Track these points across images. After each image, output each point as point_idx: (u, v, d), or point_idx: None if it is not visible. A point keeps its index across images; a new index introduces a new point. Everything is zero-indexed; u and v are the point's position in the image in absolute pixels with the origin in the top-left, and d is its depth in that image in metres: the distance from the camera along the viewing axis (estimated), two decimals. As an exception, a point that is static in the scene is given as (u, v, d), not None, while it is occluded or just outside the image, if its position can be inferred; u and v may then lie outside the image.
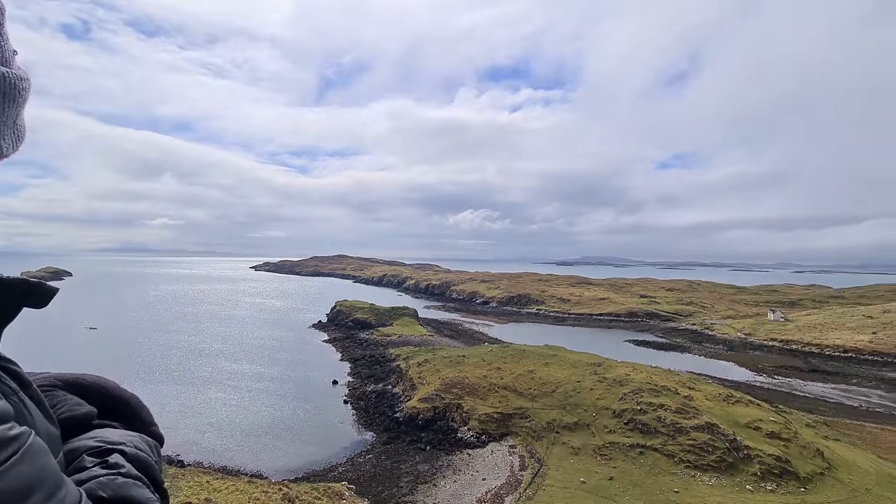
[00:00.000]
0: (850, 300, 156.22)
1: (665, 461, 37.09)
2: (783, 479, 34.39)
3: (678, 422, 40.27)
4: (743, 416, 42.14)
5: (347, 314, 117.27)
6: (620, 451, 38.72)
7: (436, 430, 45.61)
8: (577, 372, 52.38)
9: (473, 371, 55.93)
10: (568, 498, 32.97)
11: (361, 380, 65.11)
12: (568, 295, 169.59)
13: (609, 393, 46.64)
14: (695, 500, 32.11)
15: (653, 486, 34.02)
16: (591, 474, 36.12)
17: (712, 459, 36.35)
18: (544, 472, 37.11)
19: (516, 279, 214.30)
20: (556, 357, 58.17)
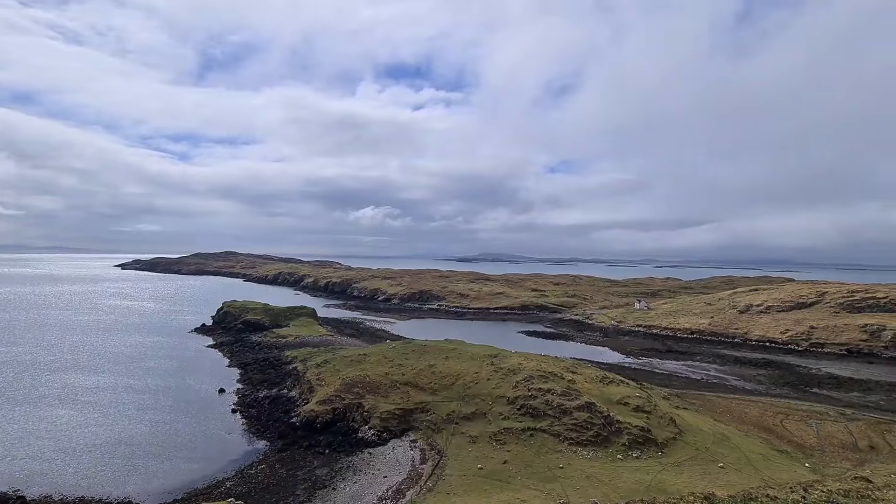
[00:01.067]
0: (695, 290, 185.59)
1: (552, 440, 40.52)
2: (646, 447, 39.71)
3: (563, 404, 44.25)
4: (615, 395, 47.72)
5: (237, 316, 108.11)
6: (514, 436, 41.37)
7: (335, 433, 44.28)
8: (476, 364, 54.70)
9: (375, 369, 55.37)
10: (466, 485, 34.35)
11: (253, 386, 60.58)
12: (467, 290, 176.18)
13: (504, 382, 49.49)
14: (576, 472, 35.60)
15: (542, 465, 36.96)
16: (488, 460, 38.06)
17: (590, 435, 40.62)
18: (444, 462, 38.19)
19: (418, 276, 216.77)
20: (455, 351, 60.07)
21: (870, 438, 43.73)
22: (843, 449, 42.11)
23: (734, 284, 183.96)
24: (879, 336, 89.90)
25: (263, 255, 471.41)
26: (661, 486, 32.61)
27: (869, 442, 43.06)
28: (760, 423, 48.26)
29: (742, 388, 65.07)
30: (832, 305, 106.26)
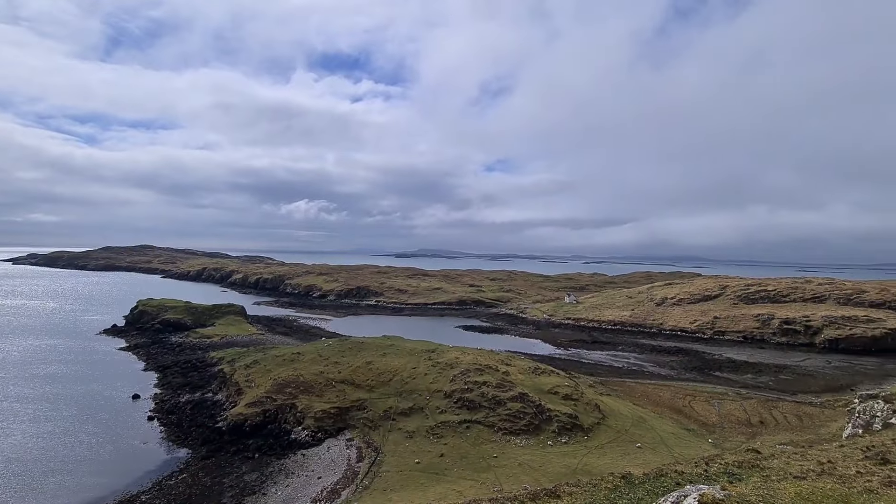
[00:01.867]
0: (619, 284, 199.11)
1: (487, 431, 41.72)
2: (573, 432, 42.16)
3: (498, 395, 45.70)
4: (546, 384, 50.10)
5: (154, 315, 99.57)
6: (450, 429, 42.07)
7: (266, 435, 42.39)
8: (413, 359, 54.83)
9: (309, 368, 53.65)
10: (403, 480, 34.43)
11: (173, 390, 56.21)
12: (405, 286, 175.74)
13: (441, 376, 50.10)
14: (509, 461, 36.99)
15: (477, 456, 37.96)
16: (425, 454, 38.39)
17: (523, 424, 42.35)
18: (381, 459, 37.97)
19: (355, 271, 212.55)
20: (393, 347, 59.78)
21: (760, 414, 49.68)
22: (739, 424, 47.47)
23: (652, 279, 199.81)
24: (769, 324, 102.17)
25: (185, 249, 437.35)
26: (586, 469, 34.83)
27: (760, 417, 48.91)
28: (672, 405, 53.02)
29: (657, 373, 71.05)
30: (732, 297, 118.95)
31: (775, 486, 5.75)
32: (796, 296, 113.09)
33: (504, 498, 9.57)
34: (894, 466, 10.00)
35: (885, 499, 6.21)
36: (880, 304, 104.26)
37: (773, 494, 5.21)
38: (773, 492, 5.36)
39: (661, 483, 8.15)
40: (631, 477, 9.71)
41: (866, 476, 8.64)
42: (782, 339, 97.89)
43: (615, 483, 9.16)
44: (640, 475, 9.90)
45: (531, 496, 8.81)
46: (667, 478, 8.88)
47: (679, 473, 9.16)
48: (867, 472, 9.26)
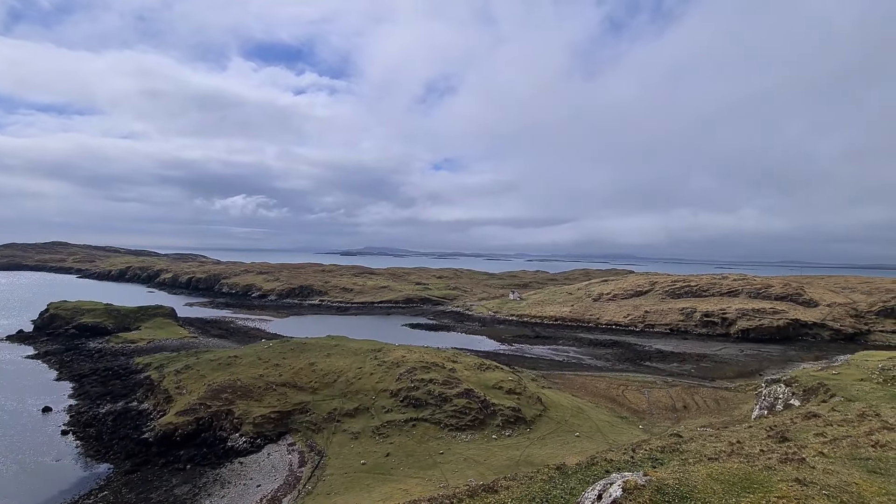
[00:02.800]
0: (559, 281, 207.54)
1: (434, 428, 42.04)
2: (517, 425, 43.53)
3: (444, 392, 46.16)
4: (491, 380, 51.30)
5: (68, 319, 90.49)
6: (396, 428, 41.95)
7: (199, 445, 39.98)
8: (359, 359, 54.02)
9: (248, 371, 51.24)
10: (348, 482, 33.89)
11: (91, 401, 51.47)
12: (351, 285, 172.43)
13: (388, 375, 49.78)
14: (455, 456, 37.53)
15: (423, 453, 38.15)
16: (370, 454, 38.02)
17: (469, 420, 43.11)
18: (325, 462, 37.13)
19: (298, 270, 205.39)
20: (338, 347, 58.53)
21: (683, 400, 53.98)
22: (666, 410, 51.30)
23: (590, 276, 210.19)
24: (692, 317, 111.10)
25: (106, 246, 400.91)
26: (528, 459, 36.12)
27: (683, 403, 53.14)
28: (607, 395, 56.23)
29: (594, 365, 74.99)
30: (660, 293, 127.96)
31: (691, 468, 6.38)
32: (715, 291, 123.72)
33: (443, 497, 9.74)
34: (790, 444, 11.33)
35: (780, 474, 7.04)
36: (784, 297, 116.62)
37: (688, 477, 5.78)
38: (689, 474, 5.95)
39: (593, 471, 8.73)
40: (565, 467, 10.27)
41: (768, 454, 9.71)
42: (703, 331, 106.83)
43: (550, 474, 9.66)
44: (574, 465, 10.52)
45: (469, 493, 9.05)
46: (597, 466, 9.52)
47: (608, 461, 9.84)
48: (769, 451, 10.41)
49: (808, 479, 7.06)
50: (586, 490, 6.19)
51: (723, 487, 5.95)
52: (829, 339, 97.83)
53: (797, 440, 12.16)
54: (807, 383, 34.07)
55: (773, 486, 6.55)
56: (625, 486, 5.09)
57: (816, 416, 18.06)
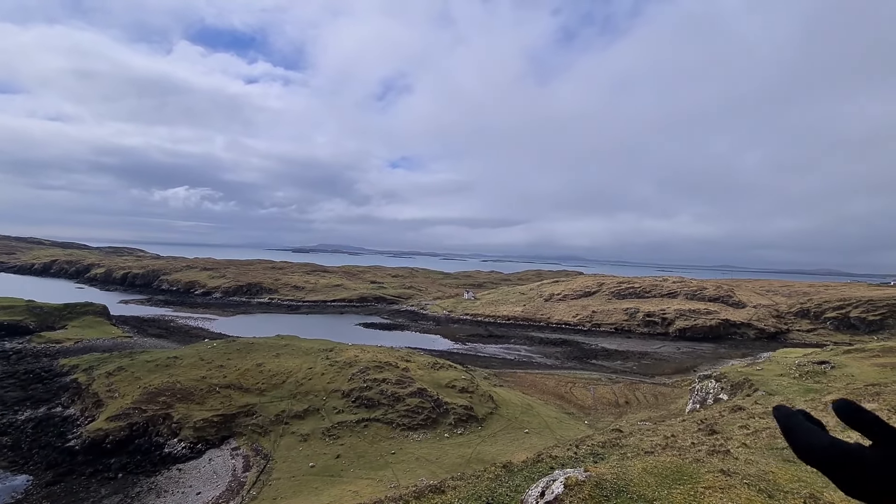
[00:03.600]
0: (513, 281, 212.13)
1: (386, 428, 41.74)
2: (469, 423, 44.08)
3: (397, 392, 45.94)
4: (444, 379, 51.61)
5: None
6: (348, 429, 41.28)
7: (133, 452, 37.45)
8: (310, 359, 52.65)
9: (188, 373, 48.57)
10: (296, 486, 32.97)
11: (7, 407, 46.81)
12: (303, 283, 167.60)
13: (339, 375, 48.86)
14: (407, 456, 37.47)
15: (375, 454, 37.79)
16: (320, 457, 37.18)
17: (421, 419, 43.16)
18: (272, 466, 35.90)
19: (246, 267, 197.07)
20: (287, 347, 56.75)
21: (626, 396, 56.80)
22: (610, 406, 53.77)
23: (541, 277, 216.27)
24: (635, 317, 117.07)
25: (29, 237, 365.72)
26: (479, 457, 36.69)
27: (625, 398, 55.91)
28: (556, 392, 58.14)
29: (544, 363, 77.29)
30: (607, 294, 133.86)
31: (628, 462, 6.79)
32: (656, 292, 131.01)
33: (389, 499, 9.71)
34: (718, 436, 12.26)
35: (707, 465, 7.61)
36: (716, 299, 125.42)
37: (625, 471, 6.14)
38: (626, 469, 6.33)
39: (538, 468, 9.05)
40: (511, 465, 10.57)
41: (698, 446, 10.43)
42: (645, 330, 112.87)
43: (496, 473, 9.91)
44: (520, 462, 10.86)
45: (416, 494, 9.09)
46: (543, 463, 9.87)
47: (553, 458, 10.23)
48: (699, 443, 11.20)
49: (731, 469, 7.66)
50: (530, 487, 6.43)
51: (656, 480, 6.38)
52: (754, 337, 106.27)
53: (724, 432, 13.14)
54: (734, 379, 36.91)
55: (701, 478, 7.06)
56: (566, 482, 5.34)
57: (741, 409, 19.63)
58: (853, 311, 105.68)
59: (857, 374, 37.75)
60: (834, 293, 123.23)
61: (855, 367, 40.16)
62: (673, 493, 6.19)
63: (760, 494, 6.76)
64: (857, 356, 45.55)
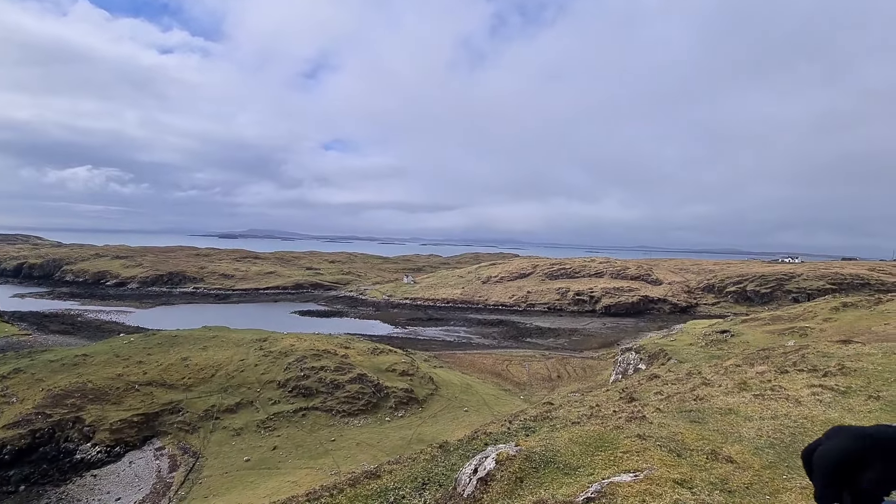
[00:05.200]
0: (451, 265, 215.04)
1: (325, 416, 41.12)
2: (409, 406, 44.61)
3: (336, 379, 45.27)
4: (384, 363, 51.60)
5: None
6: (285, 419, 40.15)
7: (37, 461, 33.85)
8: (241, 350, 50.22)
9: (102, 371, 44.42)
10: (229, 482, 31.68)
11: None
12: (232, 270, 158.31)
13: (274, 366, 47.15)
14: (347, 442, 37.28)
15: (313, 442, 37.17)
16: (255, 450, 35.93)
17: (361, 404, 42.99)
18: (202, 464, 34.16)
19: (166, 254, 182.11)
20: (216, 338, 53.63)
21: (558, 370, 60.32)
22: (543, 380, 56.85)
23: (479, 260, 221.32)
24: (566, 296, 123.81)
25: None
26: (420, 438, 37.36)
27: (557, 373, 59.37)
28: (493, 370, 60.37)
29: (482, 343, 79.77)
30: (540, 275, 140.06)
31: (556, 434, 7.30)
32: (585, 272, 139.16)
33: (322, 489, 9.66)
34: (636, 403, 13.45)
35: (626, 431, 8.35)
36: (637, 277, 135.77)
37: (553, 443, 6.60)
38: (554, 440, 6.80)
39: (473, 446, 9.44)
40: (447, 445, 10.92)
41: (618, 414, 11.37)
42: (575, 308, 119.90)
43: (433, 453, 10.20)
44: (456, 441, 11.25)
45: (351, 482, 9.13)
46: (478, 440, 10.31)
47: (488, 434, 10.72)
48: (620, 411, 12.22)
49: (646, 433, 8.45)
50: (464, 465, 6.71)
51: (581, 448, 6.92)
52: (669, 311, 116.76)
53: (641, 399, 14.43)
54: (651, 350, 40.51)
55: (620, 443, 7.74)
56: (497, 458, 5.63)
57: (657, 377, 21.64)
58: (749, 285, 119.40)
59: (752, 340, 42.99)
60: (734, 270, 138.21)
61: (750, 335, 45.67)
62: (595, 460, 6.77)
63: (671, 454, 7.57)
64: (752, 325, 51.79)
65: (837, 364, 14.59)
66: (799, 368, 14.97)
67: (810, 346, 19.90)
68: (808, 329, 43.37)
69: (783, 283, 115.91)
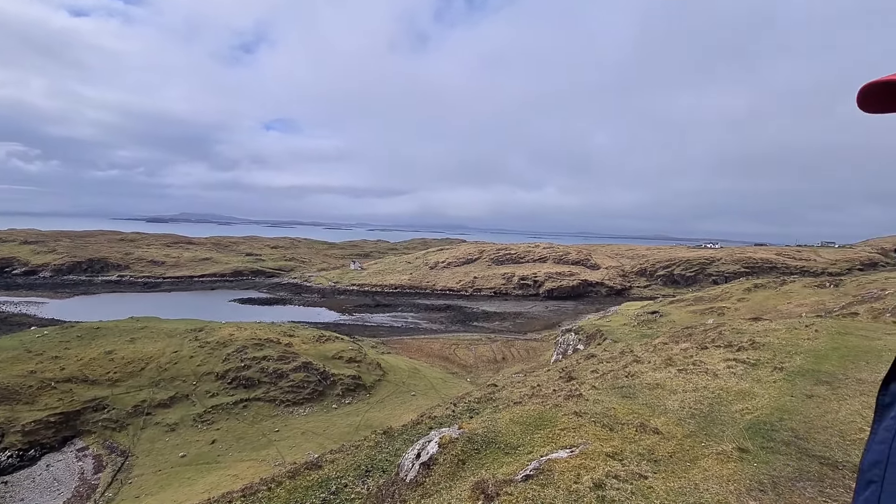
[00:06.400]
0: (399, 251, 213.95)
1: (268, 407, 39.85)
2: (357, 392, 44.26)
3: (280, 368, 43.89)
4: (331, 350, 50.67)
5: None
6: (224, 412, 38.48)
7: (-69, 471, 30.20)
8: (175, 342, 47.25)
9: (10, 369, 40.10)
10: (163, 480, 30.01)
11: None
12: (163, 257, 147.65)
13: (212, 357, 44.85)
14: (292, 432, 36.43)
15: (256, 434, 35.98)
16: (192, 444, 34.23)
17: (307, 393, 42.08)
18: (132, 463, 32.07)
19: (85, 239, 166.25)
20: (145, 330, 50.03)
21: (503, 352, 62.24)
22: (489, 363, 58.47)
23: (427, 246, 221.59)
24: (511, 280, 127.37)
25: None
26: (367, 423, 37.25)
27: (502, 355, 61.26)
28: (441, 354, 61.21)
29: (430, 328, 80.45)
30: (487, 260, 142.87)
31: (498, 415, 7.55)
32: (529, 258, 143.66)
33: (261, 482, 9.40)
34: (574, 382, 14.19)
35: (564, 409, 8.78)
36: (577, 262, 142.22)
37: (495, 424, 6.83)
38: (496, 421, 7.03)
39: (417, 430, 9.57)
40: (391, 430, 10.98)
41: (558, 393, 11.92)
42: (520, 292, 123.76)
43: (377, 440, 10.23)
44: (400, 427, 11.36)
45: (291, 474, 8.95)
46: (422, 424, 10.46)
47: (433, 418, 10.90)
48: (559, 390, 12.81)
49: (582, 410, 8.93)
50: (407, 451, 6.77)
51: (521, 428, 7.20)
52: (606, 294, 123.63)
53: (579, 378, 15.22)
54: (589, 331, 42.78)
55: (558, 421, 8.13)
56: (440, 441, 5.73)
57: (593, 357, 22.95)
58: (676, 269, 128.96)
59: (677, 319, 46.60)
60: (664, 255, 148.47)
61: (676, 315, 49.45)
62: (535, 438, 7.08)
63: (604, 429, 8.07)
64: (678, 305, 56.09)
65: (749, 339, 16.17)
66: (717, 344, 16.43)
67: (726, 324, 21.89)
68: (725, 308, 47.68)
69: (705, 267, 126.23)
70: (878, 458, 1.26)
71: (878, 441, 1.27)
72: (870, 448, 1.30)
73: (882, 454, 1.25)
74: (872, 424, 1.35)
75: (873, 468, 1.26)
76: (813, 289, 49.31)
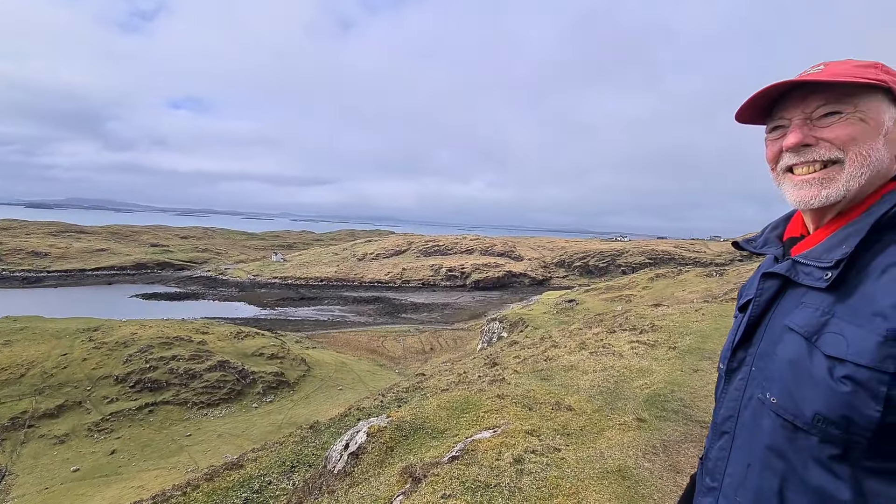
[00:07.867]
0: (326, 242, 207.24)
1: (178, 410, 36.87)
2: (279, 390, 42.43)
3: (192, 368, 40.73)
4: (250, 347, 47.98)
5: None
6: (126, 418, 35.00)
7: None
8: (63, 343, 41.89)
9: None
10: (50, 499, 26.68)
11: None
12: (47, 247, 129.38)
13: (110, 359, 40.44)
14: (207, 435, 34.11)
15: (164, 441, 33.20)
16: (86, 457, 30.76)
17: (223, 393, 39.54)
18: (10, 483, 28.07)
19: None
20: (25, 331, 43.73)
21: (431, 343, 63.11)
22: (417, 353, 59.00)
23: (355, 237, 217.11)
24: (439, 272, 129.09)
25: None
26: (292, 421, 35.96)
27: (430, 345, 62.11)
28: (369, 347, 60.60)
29: (358, 321, 79.18)
30: (416, 252, 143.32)
31: (426, 402, 7.79)
32: (457, 249, 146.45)
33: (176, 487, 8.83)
34: (498, 367, 14.89)
35: (488, 393, 9.24)
36: (503, 254, 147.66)
37: (422, 411, 7.04)
38: (423, 408, 7.25)
39: (345, 422, 9.53)
40: (318, 424, 10.82)
41: (483, 378, 12.46)
42: (447, 283, 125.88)
43: (302, 435, 10.03)
44: (327, 420, 11.22)
45: (208, 476, 8.51)
46: (350, 416, 10.44)
47: (361, 410, 10.90)
48: (484, 375, 13.39)
49: (505, 393, 9.45)
50: (335, 442, 6.76)
51: (447, 413, 7.48)
52: (528, 284, 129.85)
53: (502, 364, 15.99)
54: (512, 319, 44.85)
55: (482, 404, 8.54)
56: (369, 430, 5.81)
57: (516, 343, 24.17)
58: (591, 261, 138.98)
59: (591, 307, 50.41)
60: (580, 247, 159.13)
61: (590, 303, 53.43)
62: (461, 421, 7.41)
63: (524, 409, 8.63)
64: (592, 294, 60.62)
65: (650, 323, 18.02)
66: (623, 328, 18.11)
67: (632, 310, 24.18)
68: (632, 296, 52.43)
69: (615, 258, 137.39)
70: (730, 413, 1.57)
71: (731, 399, 1.59)
72: (723, 405, 1.62)
73: (734, 410, 1.56)
74: (720, 386, 1.68)
75: (727, 421, 1.57)
76: (703, 278, 55.85)
